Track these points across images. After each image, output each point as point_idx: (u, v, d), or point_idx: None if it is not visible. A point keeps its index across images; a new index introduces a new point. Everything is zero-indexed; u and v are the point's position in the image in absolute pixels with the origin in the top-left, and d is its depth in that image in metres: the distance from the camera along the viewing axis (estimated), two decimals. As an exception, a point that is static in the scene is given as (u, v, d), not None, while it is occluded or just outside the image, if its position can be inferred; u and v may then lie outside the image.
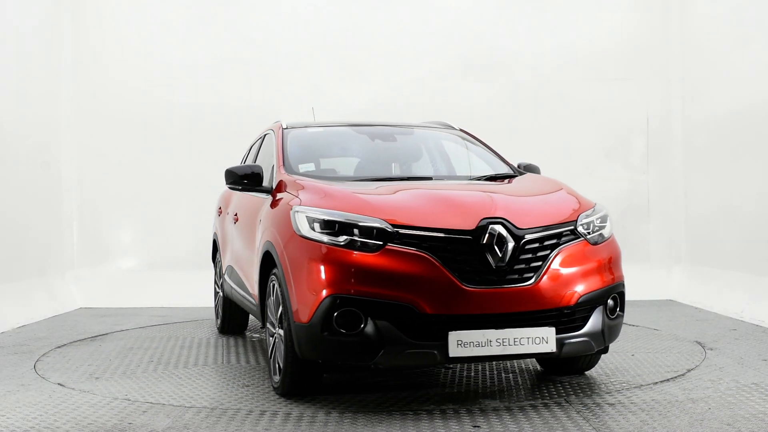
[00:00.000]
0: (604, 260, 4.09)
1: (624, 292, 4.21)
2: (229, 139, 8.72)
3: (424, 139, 5.67)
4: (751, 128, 7.29)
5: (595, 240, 4.11)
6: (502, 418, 3.77)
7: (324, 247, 3.81)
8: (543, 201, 4.34)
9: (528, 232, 3.86)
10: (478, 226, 3.79)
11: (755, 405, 3.92)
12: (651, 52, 9.05)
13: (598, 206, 4.36)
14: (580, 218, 4.10)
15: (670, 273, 8.85)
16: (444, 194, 4.19)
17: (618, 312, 4.14)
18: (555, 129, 9.03)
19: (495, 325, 3.71)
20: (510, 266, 3.76)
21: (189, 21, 9.14)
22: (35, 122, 8.27)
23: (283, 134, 5.28)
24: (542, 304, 3.79)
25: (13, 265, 7.52)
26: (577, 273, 3.91)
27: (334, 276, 3.73)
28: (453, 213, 3.89)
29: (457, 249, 3.75)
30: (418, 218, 3.84)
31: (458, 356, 3.66)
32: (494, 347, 3.68)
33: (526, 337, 3.73)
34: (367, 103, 8.89)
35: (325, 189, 4.26)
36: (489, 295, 3.72)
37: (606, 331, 4.01)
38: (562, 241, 3.96)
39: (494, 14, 9.13)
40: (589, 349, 3.97)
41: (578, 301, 3.87)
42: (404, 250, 3.73)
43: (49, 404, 4.21)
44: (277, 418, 3.84)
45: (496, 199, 4.14)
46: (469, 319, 3.70)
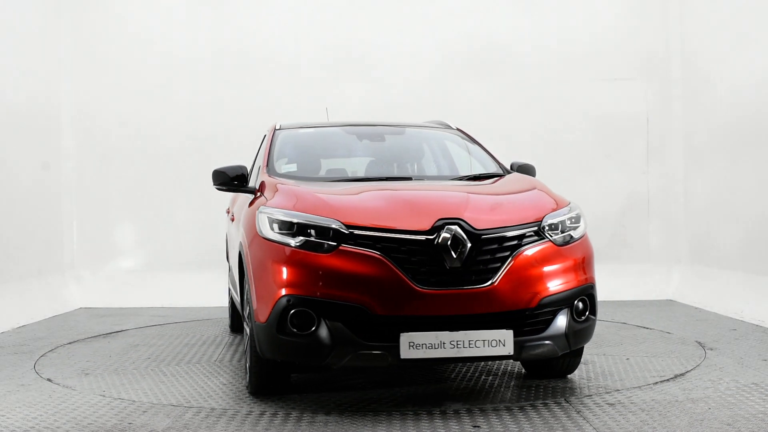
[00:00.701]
0: (572, 262, 3.99)
1: (594, 294, 4.11)
2: (229, 139, 8.73)
3: (415, 138, 5.66)
4: (750, 128, 7.29)
5: (564, 241, 4.03)
6: (502, 418, 3.77)
7: (281, 247, 3.84)
8: (511, 201, 4.27)
9: (485, 233, 3.78)
10: (433, 226, 3.74)
11: (755, 405, 3.92)
12: (651, 52, 9.05)
13: (572, 206, 4.28)
14: (546, 218, 4.01)
15: (670, 273, 8.85)
16: (405, 195, 4.15)
17: (588, 315, 4.05)
18: (555, 129, 9.03)
19: (449, 327, 3.66)
20: (466, 267, 3.70)
21: (189, 21, 9.14)
22: (35, 122, 8.28)
23: (274, 135, 5.34)
24: (500, 306, 3.72)
25: (13, 265, 7.53)
26: (538, 274, 3.83)
27: (289, 277, 3.75)
28: (409, 214, 3.86)
29: (411, 250, 3.71)
30: (374, 219, 3.83)
31: (410, 358, 3.63)
32: (448, 349, 3.63)
33: (482, 340, 3.66)
34: (367, 103, 8.89)
35: (293, 190, 4.26)
36: (443, 297, 3.67)
37: (571, 334, 3.91)
38: (525, 242, 3.87)
39: (494, 14, 9.13)
40: (552, 352, 3.88)
41: (539, 303, 3.80)
42: (358, 251, 3.72)
43: (49, 404, 4.21)
44: (277, 418, 3.84)
45: (459, 199, 4.09)
46: (421, 321, 3.66)
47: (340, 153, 5.54)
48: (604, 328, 6.66)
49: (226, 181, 4.77)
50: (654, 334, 6.27)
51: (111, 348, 5.99)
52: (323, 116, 7.02)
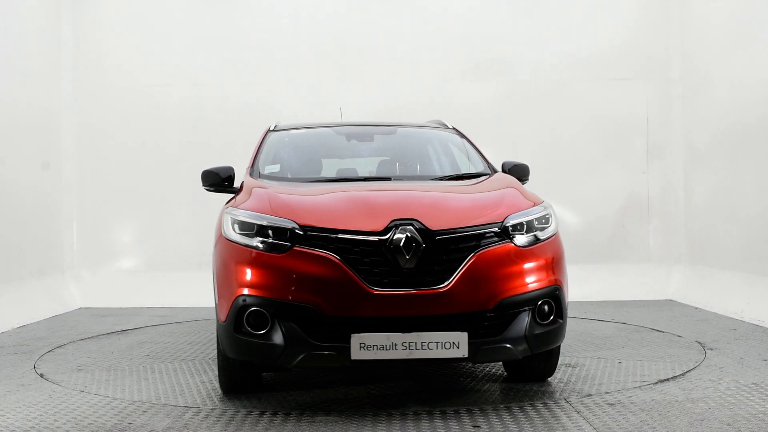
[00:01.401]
0: (536, 263, 3.92)
1: (560, 297, 3.99)
2: (229, 139, 8.73)
3: (405, 138, 5.65)
4: (751, 128, 7.29)
5: (528, 241, 3.96)
6: (502, 418, 3.77)
7: (240, 248, 3.89)
8: (478, 201, 4.20)
9: (440, 234, 3.73)
10: (387, 227, 3.72)
11: (755, 405, 3.92)
12: (651, 52, 9.06)
13: (541, 206, 4.20)
14: (509, 219, 3.94)
15: (670, 273, 8.86)
16: (364, 195, 4.14)
17: (554, 318, 3.96)
18: (555, 129, 9.04)
19: (401, 329, 3.63)
20: (420, 268, 3.67)
21: (189, 22, 9.14)
22: (35, 122, 8.28)
23: (265, 137, 5.40)
24: (455, 308, 3.67)
25: (13, 265, 7.52)
26: (497, 276, 3.77)
27: (245, 277, 3.79)
28: (365, 214, 3.85)
29: (364, 251, 3.69)
30: (329, 220, 3.83)
31: (361, 359, 3.62)
32: (399, 351, 3.61)
33: (435, 342, 3.62)
34: (367, 103, 8.89)
35: (261, 191, 4.28)
36: (396, 298, 3.64)
37: (532, 337, 3.82)
38: (484, 242, 3.80)
39: (495, 15, 9.13)
40: (511, 355, 3.81)
41: (496, 305, 3.74)
42: (312, 252, 3.72)
43: (49, 404, 4.21)
44: (277, 417, 3.84)
45: (417, 200, 4.07)
46: (373, 322, 3.65)
47: (326, 154, 5.54)
48: (605, 328, 6.66)
49: (217, 182, 4.82)
50: (654, 334, 6.27)
51: (111, 348, 5.99)
52: (324, 117, 7.03)
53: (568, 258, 9.61)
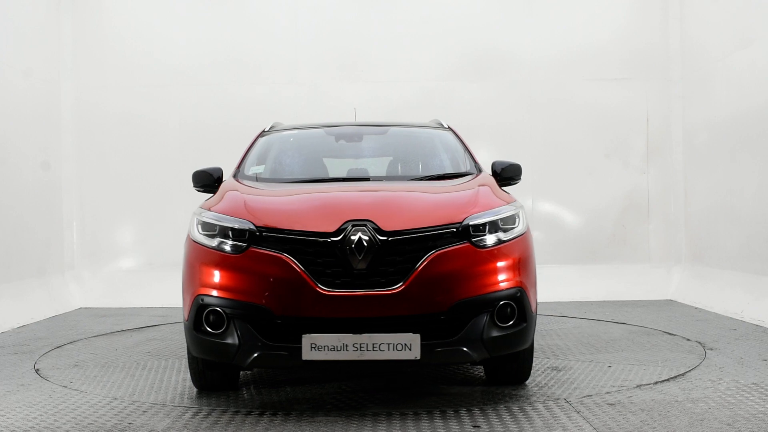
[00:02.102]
0: (496, 264, 3.83)
1: (523, 299, 3.87)
2: (229, 139, 8.72)
3: (395, 138, 5.63)
4: (750, 128, 7.30)
5: (489, 242, 3.87)
6: (502, 418, 3.77)
7: (202, 248, 3.96)
8: (441, 201, 4.12)
9: (394, 235, 3.70)
10: (340, 228, 3.71)
11: (755, 405, 3.92)
12: (651, 52, 9.06)
13: (510, 206, 4.12)
14: (468, 219, 3.86)
15: (670, 273, 8.86)
16: (326, 197, 4.14)
17: (516, 321, 3.85)
18: (555, 129, 9.04)
19: (353, 330, 3.63)
20: (373, 269, 3.66)
21: (189, 21, 9.14)
22: (35, 122, 8.28)
23: (258, 138, 5.46)
24: (407, 309, 3.64)
25: (12, 265, 7.53)
26: (452, 277, 3.71)
27: (203, 278, 3.87)
28: (320, 215, 3.85)
29: (317, 252, 3.70)
30: (284, 221, 3.84)
31: (312, 359, 3.63)
32: (351, 352, 3.60)
33: (387, 343, 3.60)
34: (368, 103, 8.88)
35: (231, 193, 4.32)
36: (348, 299, 3.64)
37: (490, 340, 3.75)
38: (440, 243, 3.75)
39: (494, 14, 9.13)
40: (467, 358, 3.74)
41: (450, 307, 3.68)
42: (266, 253, 3.75)
43: (49, 404, 4.21)
44: (277, 417, 3.84)
45: (375, 200, 4.04)
46: (324, 323, 3.66)
47: (313, 155, 5.54)
48: (604, 328, 6.66)
49: (208, 183, 4.86)
50: (654, 334, 6.27)
51: (111, 348, 5.99)
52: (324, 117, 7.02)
53: (569, 258, 9.64)
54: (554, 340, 6.04)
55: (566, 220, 9.10)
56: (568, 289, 8.68)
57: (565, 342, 5.96)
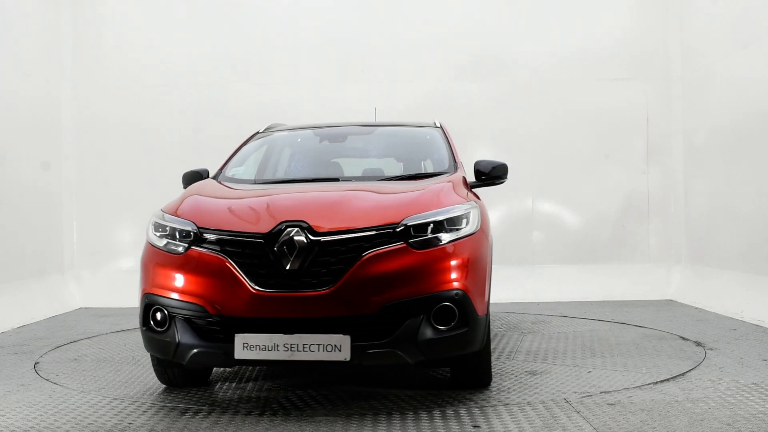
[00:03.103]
0: (434, 266, 3.76)
1: (464, 302, 3.77)
2: (229, 139, 8.70)
3: (379, 138, 5.62)
4: (750, 128, 7.29)
5: (429, 243, 3.81)
6: (502, 418, 3.77)
7: (152, 248, 4.10)
8: (386, 201, 4.05)
9: (327, 236, 3.71)
10: (273, 229, 3.75)
11: (755, 405, 3.92)
12: (651, 52, 9.06)
13: (461, 206, 4.03)
14: (407, 220, 3.81)
15: (670, 273, 8.86)
16: (266, 198, 4.16)
17: (456, 324, 3.76)
18: (555, 129, 9.04)
19: (284, 330, 3.65)
20: (305, 270, 3.67)
21: (190, 21, 9.14)
22: (35, 122, 8.28)
23: (250, 139, 5.53)
24: (338, 311, 3.64)
25: (12, 265, 7.53)
26: (386, 278, 3.67)
27: (151, 277, 4.01)
28: (257, 216, 3.91)
29: (252, 252, 3.75)
30: (223, 222, 3.93)
31: (243, 359, 3.68)
32: (281, 352, 3.63)
33: (317, 344, 3.62)
34: (368, 103, 8.88)
35: (189, 194, 4.44)
36: (280, 299, 3.66)
37: (425, 342, 3.69)
38: (374, 244, 3.73)
39: (494, 15, 9.13)
40: (400, 360, 3.69)
41: (382, 308, 3.64)
42: (204, 253, 3.84)
43: (49, 404, 4.21)
44: (277, 417, 3.84)
45: (322, 201, 4.05)
46: (256, 323, 3.70)
47: (294, 155, 5.57)
48: (604, 328, 6.66)
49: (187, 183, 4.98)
50: (654, 334, 6.27)
51: (111, 348, 5.99)
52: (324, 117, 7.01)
53: (569, 258, 9.63)
54: (552, 342, 6.04)
55: (566, 220, 9.10)
56: (568, 289, 8.68)
57: (565, 342, 5.96)
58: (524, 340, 6.09)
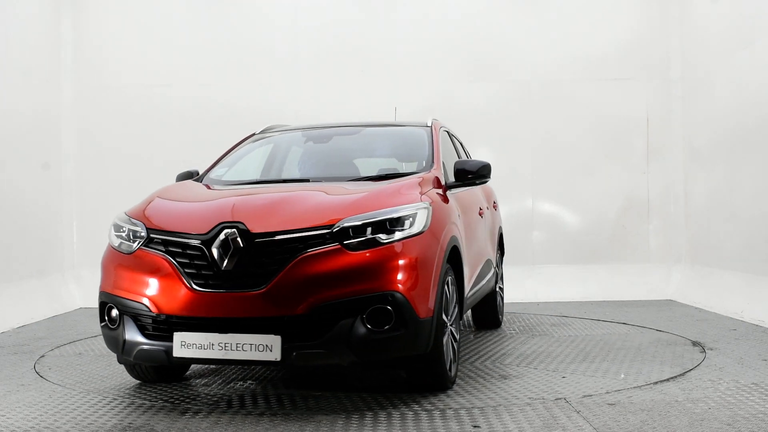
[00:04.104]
0: (370, 267, 3.75)
1: (400, 303, 3.75)
2: (229, 139, 8.70)
3: (364, 139, 5.62)
4: (751, 128, 7.29)
5: (366, 244, 3.80)
6: (502, 418, 3.77)
7: (109, 248, 4.28)
8: (327, 202, 4.06)
9: (262, 237, 3.77)
10: (211, 230, 3.84)
11: (755, 405, 3.92)
12: (651, 52, 9.06)
13: (406, 207, 3.99)
14: (344, 221, 3.82)
15: (670, 273, 8.86)
16: (212, 200, 4.25)
17: (393, 325, 3.75)
18: (555, 129, 9.04)
19: (219, 329, 3.73)
20: (239, 271, 3.74)
21: (189, 22, 9.14)
22: (35, 122, 8.28)
23: (244, 140, 5.63)
24: (269, 311, 3.68)
25: (13, 265, 7.53)
26: (318, 279, 3.69)
27: (107, 275, 4.18)
28: (199, 217, 3.99)
29: (192, 253, 3.86)
30: (169, 223, 4.05)
31: (181, 357, 3.79)
32: (216, 351, 3.72)
33: (249, 344, 3.68)
34: (368, 104, 8.89)
35: (153, 196, 4.54)
36: (216, 299, 3.74)
37: (358, 344, 3.70)
38: (311, 245, 3.76)
39: (495, 16, 9.14)
40: (331, 361, 3.73)
41: (313, 309, 3.68)
42: (150, 253, 3.98)
43: (49, 404, 4.21)
44: (277, 417, 3.84)
45: (259, 203, 4.07)
46: (193, 322, 3.79)
47: (277, 157, 5.59)
48: (604, 328, 6.66)
49: None
50: (654, 334, 6.27)
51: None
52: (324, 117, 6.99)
53: (569, 258, 9.63)
54: (548, 342, 6.04)
55: (566, 220, 9.11)
56: (568, 289, 8.69)
57: (563, 342, 5.96)
58: (535, 341, 6.09)
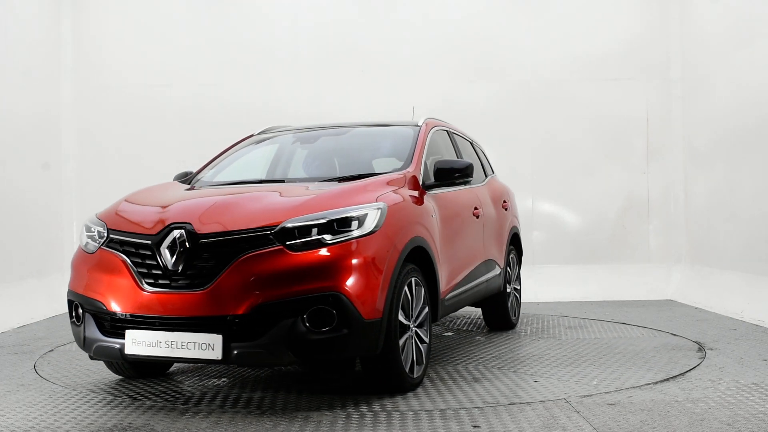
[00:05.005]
0: (310, 267, 3.75)
1: (343, 304, 3.75)
2: (229, 139, 8.70)
3: (350, 139, 5.61)
4: (750, 128, 7.30)
5: (309, 245, 3.81)
6: (501, 418, 3.77)
7: (78, 248, 4.40)
8: (275, 203, 4.09)
9: (206, 237, 3.85)
10: (161, 231, 3.95)
11: (755, 405, 3.92)
12: (651, 52, 9.06)
13: (358, 208, 4.00)
14: (287, 222, 3.84)
15: (670, 273, 8.86)
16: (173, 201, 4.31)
17: (336, 326, 3.76)
18: (555, 129, 9.05)
19: (166, 328, 3.85)
20: (186, 271, 3.83)
21: (189, 22, 9.14)
22: (35, 122, 8.28)
23: (239, 142, 5.71)
24: (212, 310, 3.75)
25: (13, 265, 7.52)
26: (260, 280, 3.72)
27: (72, 274, 4.32)
28: (153, 218, 4.09)
29: (144, 253, 3.97)
30: (126, 224, 4.17)
31: (133, 354, 3.91)
32: (163, 349, 3.83)
33: (193, 342, 3.78)
34: (368, 104, 8.89)
35: (125, 198, 4.63)
36: (164, 299, 3.84)
37: (299, 344, 3.73)
38: (254, 246, 3.80)
39: (495, 16, 9.14)
40: (271, 360, 3.79)
41: (253, 309, 3.71)
42: (109, 253, 4.10)
43: (49, 404, 4.21)
44: (277, 417, 3.84)
45: (209, 204, 4.11)
46: (143, 320, 3.91)
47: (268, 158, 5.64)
48: (604, 328, 6.66)
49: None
50: (654, 334, 6.28)
51: (111, 348, 5.98)
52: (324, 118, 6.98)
53: (569, 258, 9.62)
54: (549, 343, 6.04)
55: (566, 220, 9.11)
56: (568, 289, 8.69)
57: (560, 344, 5.96)
58: (536, 344, 6.09)
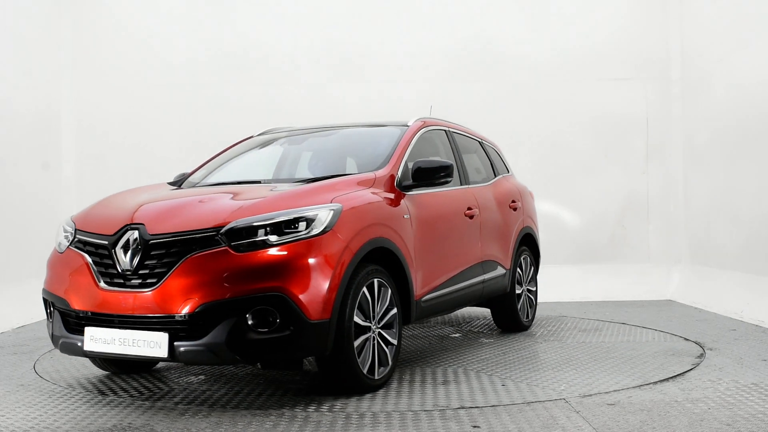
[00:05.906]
0: (254, 268, 3.79)
1: (287, 304, 3.78)
2: (229, 139, 8.71)
3: (337, 140, 5.61)
4: (750, 128, 7.30)
5: (252, 246, 3.85)
6: (501, 418, 3.77)
7: (54, 248, 4.54)
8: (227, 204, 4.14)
9: (156, 238, 3.96)
10: (117, 231, 4.10)
11: (755, 405, 3.92)
12: (651, 52, 9.07)
13: (311, 209, 4.03)
14: (233, 223, 3.90)
15: (670, 273, 8.86)
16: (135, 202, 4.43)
17: (279, 326, 3.79)
18: (555, 129, 9.05)
19: (119, 326, 3.98)
20: (136, 271, 3.95)
21: (189, 23, 9.15)
22: (35, 122, 8.28)
23: (238, 142, 5.79)
24: (159, 310, 3.86)
25: (13, 265, 7.52)
26: (203, 280, 3.79)
27: (48, 272, 4.45)
28: (113, 219, 4.22)
29: (102, 252, 4.12)
30: (90, 224, 4.32)
31: (90, 350, 4.04)
32: (117, 346, 3.96)
33: (142, 340, 3.89)
34: (368, 104, 8.89)
35: (102, 199, 4.78)
36: (118, 297, 3.98)
37: (242, 344, 3.77)
38: (201, 246, 3.87)
39: (493, 15, 9.14)
40: (211, 359, 3.83)
41: (196, 309, 3.78)
42: (74, 252, 4.27)
43: (49, 404, 4.21)
44: (277, 417, 3.84)
45: (165, 205, 4.26)
46: (100, 318, 4.05)
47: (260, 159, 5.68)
48: (604, 328, 6.66)
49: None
50: (653, 334, 6.28)
51: (111, 348, 5.98)
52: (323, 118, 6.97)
53: (569, 258, 9.61)
54: (548, 344, 6.04)
55: (566, 220, 9.11)
56: (568, 289, 8.69)
57: (560, 342, 5.97)
58: (538, 346, 6.09)
